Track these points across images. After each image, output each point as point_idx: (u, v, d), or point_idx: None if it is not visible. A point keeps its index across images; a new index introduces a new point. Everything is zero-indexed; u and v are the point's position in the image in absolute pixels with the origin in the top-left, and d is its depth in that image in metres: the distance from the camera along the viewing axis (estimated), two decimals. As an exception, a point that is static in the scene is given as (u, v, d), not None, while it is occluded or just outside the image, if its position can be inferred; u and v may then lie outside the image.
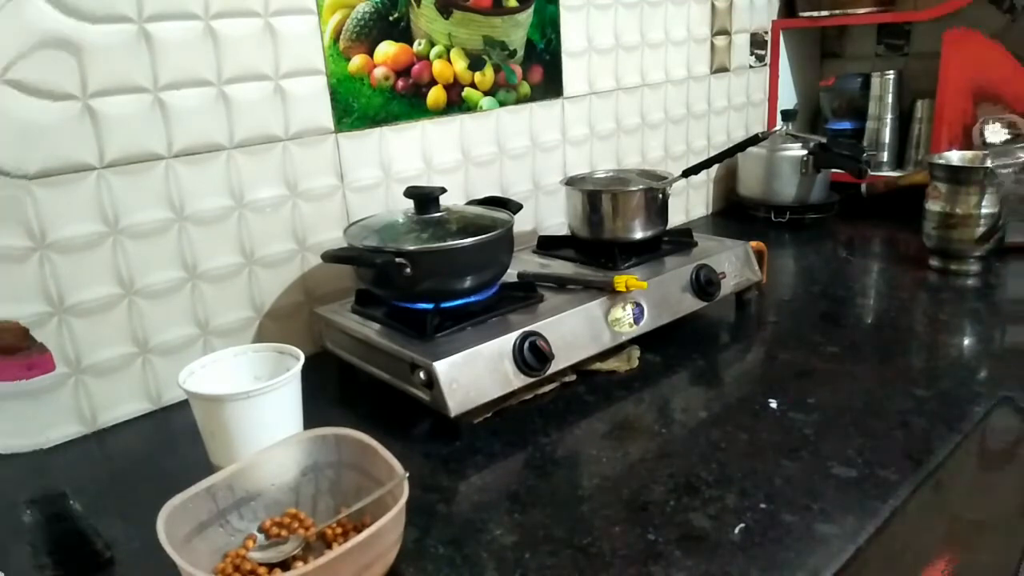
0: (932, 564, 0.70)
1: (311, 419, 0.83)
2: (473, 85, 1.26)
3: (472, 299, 0.98)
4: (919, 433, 0.83)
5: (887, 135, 1.78)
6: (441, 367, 0.85)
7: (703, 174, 1.70)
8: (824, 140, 1.63)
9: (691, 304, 1.10)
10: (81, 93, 0.88)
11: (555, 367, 0.94)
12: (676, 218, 1.69)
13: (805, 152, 1.62)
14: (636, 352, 1.05)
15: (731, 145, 1.22)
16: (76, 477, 0.86)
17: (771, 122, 1.89)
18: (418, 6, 1.16)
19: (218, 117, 0.99)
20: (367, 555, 0.61)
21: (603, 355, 1.02)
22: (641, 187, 1.17)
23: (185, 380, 0.78)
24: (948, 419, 0.85)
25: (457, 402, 0.85)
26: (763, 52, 1.83)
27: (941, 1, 1.60)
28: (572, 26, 1.38)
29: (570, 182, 1.24)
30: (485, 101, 1.28)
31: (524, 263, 1.16)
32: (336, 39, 1.08)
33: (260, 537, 0.70)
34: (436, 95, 1.21)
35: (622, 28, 1.48)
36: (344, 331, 1.01)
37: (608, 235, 1.16)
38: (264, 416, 0.76)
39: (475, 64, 1.25)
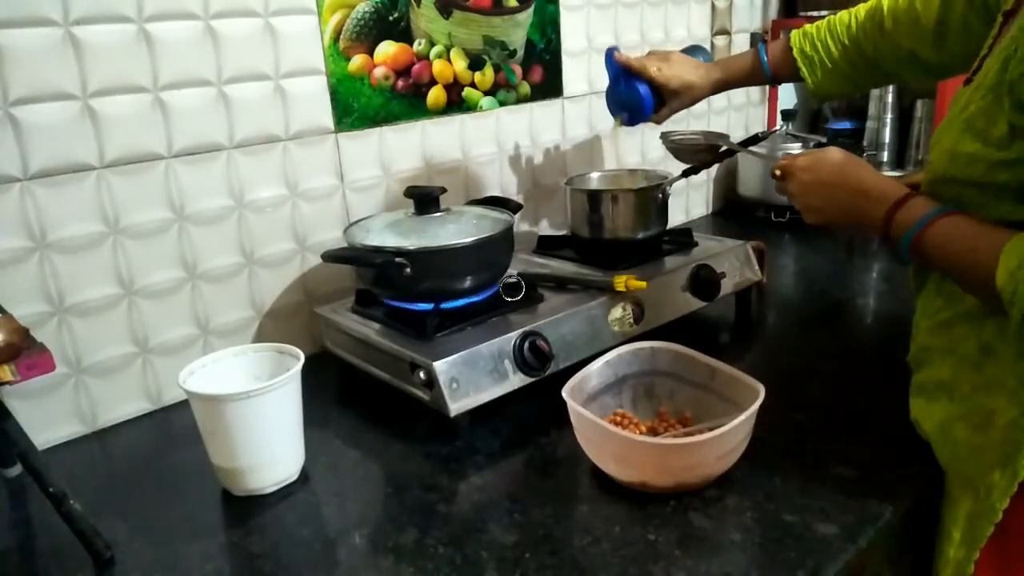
0: None
1: (311, 419, 0.84)
2: (473, 85, 1.26)
3: (472, 299, 0.98)
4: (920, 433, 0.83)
5: (887, 135, 1.78)
6: (441, 367, 0.85)
7: (703, 174, 1.70)
8: (824, 140, 1.63)
9: (691, 304, 1.10)
10: (81, 93, 0.88)
11: (555, 367, 0.94)
12: (676, 218, 1.69)
13: (805, 152, 1.62)
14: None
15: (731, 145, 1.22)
16: (76, 477, 0.86)
17: (771, 122, 1.88)
18: (418, 6, 1.15)
19: (218, 117, 0.99)
20: (730, 442, 0.73)
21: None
22: (641, 187, 1.18)
23: (185, 380, 0.78)
24: (948, 419, 0.85)
25: (457, 402, 0.85)
26: (763, 52, 1.83)
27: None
28: (572, 26, 1.38)
29: (570, 182, 1.24)
30: (485, 101, 1.28)
31: (524, 263, 1.16)
32: (336, 39, 1.08)
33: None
34: (436, 95, 1.21)
35: (622, 28, 1.48)
36: (344, 331, 1.01)
37: (608, 235, 1.16)
38: (264, 416, 0.76)
39: (475, 64, 1.25)
